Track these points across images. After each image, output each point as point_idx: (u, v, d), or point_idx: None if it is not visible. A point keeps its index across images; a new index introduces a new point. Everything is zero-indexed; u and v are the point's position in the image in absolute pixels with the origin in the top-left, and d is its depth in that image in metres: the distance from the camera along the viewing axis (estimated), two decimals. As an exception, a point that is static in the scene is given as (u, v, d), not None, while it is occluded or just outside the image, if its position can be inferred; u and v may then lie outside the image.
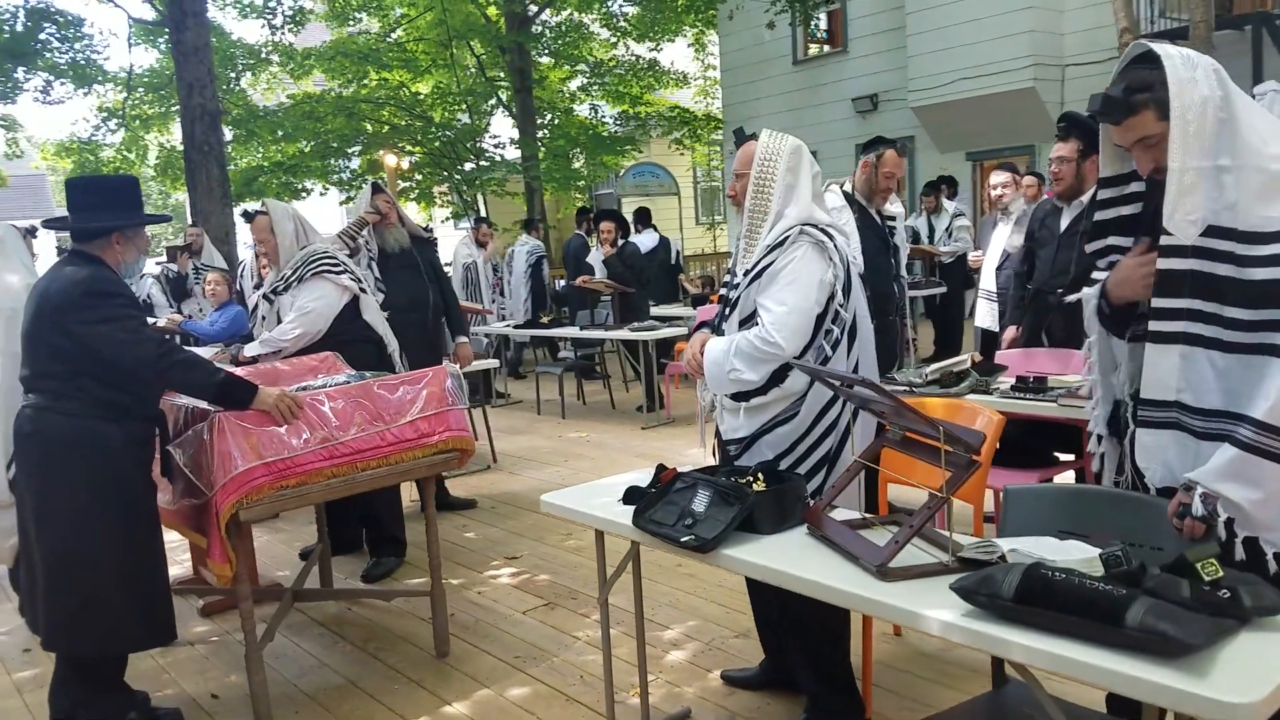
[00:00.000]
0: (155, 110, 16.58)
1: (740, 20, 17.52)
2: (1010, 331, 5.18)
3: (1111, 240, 2.36)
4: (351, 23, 18.15)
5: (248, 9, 16.71)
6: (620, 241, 8.64)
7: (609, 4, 18.15)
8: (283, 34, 16.70)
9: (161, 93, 16.02)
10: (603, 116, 19.67)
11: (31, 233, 6.68)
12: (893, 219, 4.99)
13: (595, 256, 9.08)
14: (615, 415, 8.72)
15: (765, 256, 2.99)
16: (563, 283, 11.67)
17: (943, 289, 9.66)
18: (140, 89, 16.40)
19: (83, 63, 15.01)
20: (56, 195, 22.74)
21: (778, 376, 2.96)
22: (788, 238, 2.97)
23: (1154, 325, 2.17)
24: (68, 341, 2.98)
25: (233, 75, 16.93)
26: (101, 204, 3.07)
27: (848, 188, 4.90)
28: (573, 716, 3.35)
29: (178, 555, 4.88)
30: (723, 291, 3.23)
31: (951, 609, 1.99)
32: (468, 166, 17.26)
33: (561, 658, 3.80)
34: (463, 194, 17.60)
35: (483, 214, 15.60)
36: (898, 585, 2.16)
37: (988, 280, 6.65)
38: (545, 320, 9.38)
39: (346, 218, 7.24)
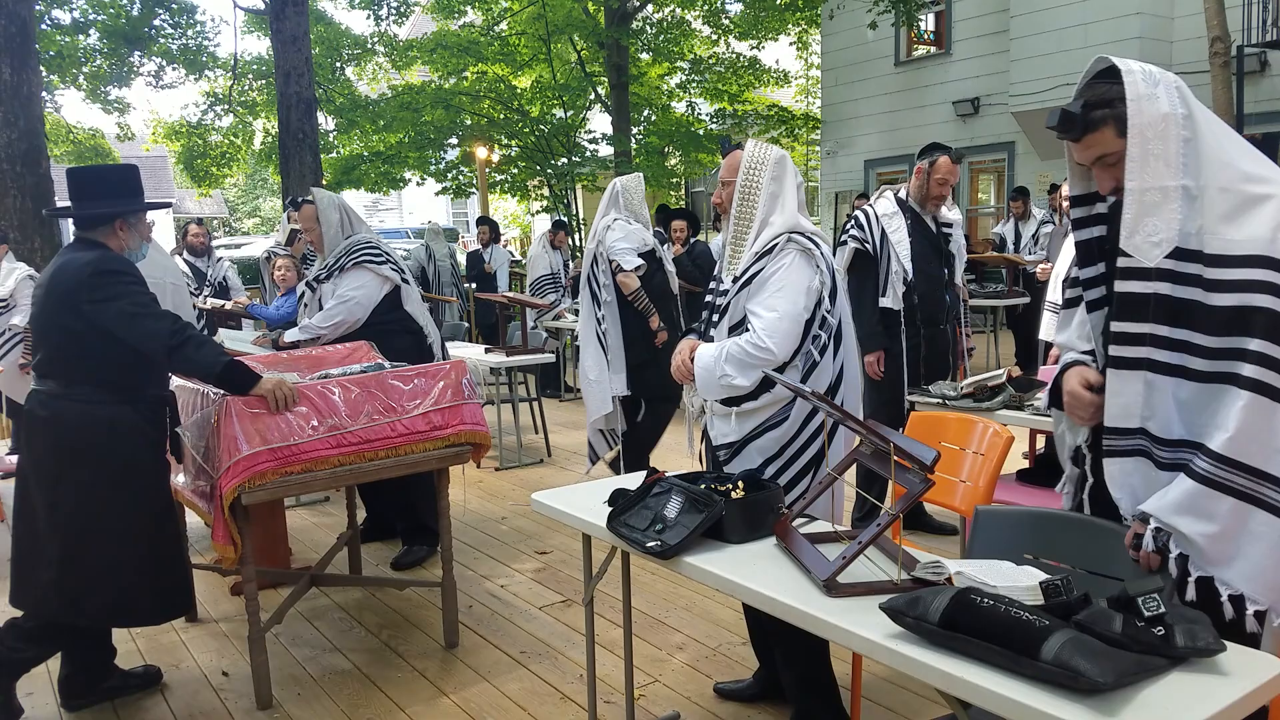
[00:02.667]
0: (261, 97, 17.14)
1: (843, 20, 17.32)
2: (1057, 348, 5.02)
3: (1078, 272, 2.27)
4: (456, 15, 18.47)
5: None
6: (691, 240, 8.61)
7: (713, 1, 18.08)
8: (388, 24, 17.11)
9: (268, 79, 16.57)
10: (699, 114, 19.61)
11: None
12: (949, 225, 4.91)
13: (667, 255, 9.06)
14: (678, 414, 8.68)
15: (754, 264, 3.03)
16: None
17: (1026, 299, 9.37)
18: (249, 75, 16.99)
19: (193, 49, 15.61)
20: (177, 177, 23.66)
21: (768, 381, 2.97)
22: (775, 245, 3.01)
23: (1115, 351, 2.08)
24: (79, 323, 3.09)
25: (338, 65, 17.40)
26: (104, 192, 3.19)
27: (902, 194, 4.85)
28: (563, 714, 3.36)
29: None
30: (709, 298, 3.24)
31: (881, 629, 1.94)
32: (561, 161, 17.40)
33: (566, 655, 3.82)
34: (554, 188, 17.77)
35: (573, 210, 15.72)
36: (842, 601, 2.12)
37: (1054, 292, 6.43)
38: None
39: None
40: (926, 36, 17.19)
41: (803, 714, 3.06)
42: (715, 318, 3.14)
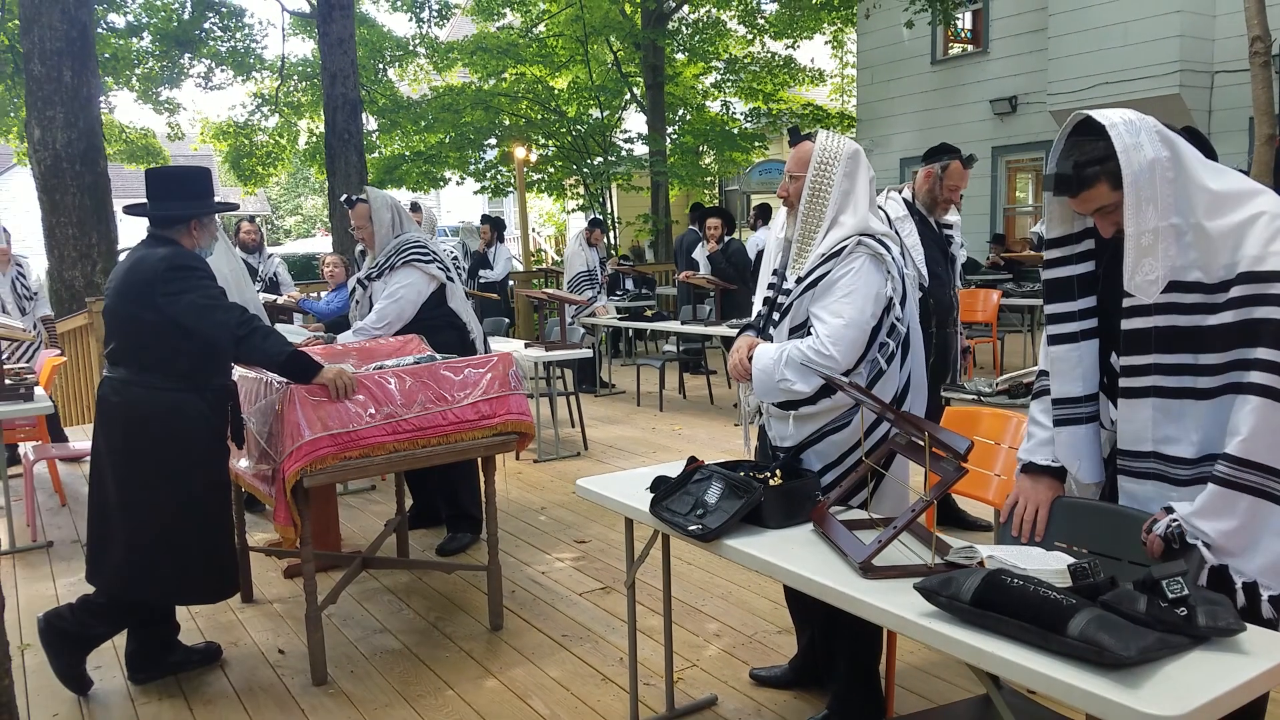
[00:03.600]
0: (306, 98, 17.46)
1: (879, 18, 17.31)
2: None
3: (1058, 308, 2.37)
4: (496, 17, 18.69)
5: (398, 2, 17.41)
6: (726, 239, 8.73)
7: (749, 1, 18.17)
8: (429, 27, 17.36)
9: (312, 81, 16.86)
10: (734, 113, 19.70)
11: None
12: (950, 227, 4.83)
13: (700, 253, 9.20)
14: (711, 410, 8.81)
15: (821, 265, 2.94)
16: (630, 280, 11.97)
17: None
18: (295, 77, 17.30)
19: (241, 51, 15.94)
20: (223, 175, 24.09)
21: (829, 388, 2.90)
22: (845, 247, 2.92)
23: (1124, 382, 2.22)
24: (153, 315, 3.27)
25: (380, 66, 17.68)
26: (178, 193, 3.36)
27: (907, 194, 4.75)
28: (603, 695, 3.49)
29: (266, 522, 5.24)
30: (769, 294, 3.17)
31: (915, 608, 2.05)
32: (596, 161, 17.56)
33: (607, 639, 3.94)
34: (589, 187, 17.93)
35: (608, 209, 15.86)
36: (878, 583, 2.23)
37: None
38: (649, 314, 9.54)
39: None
40: (964, 35, 17.17)
41: (843, 699, 3.14)
42: (776, 316, 3.07)
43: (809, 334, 2.94)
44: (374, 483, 6.47)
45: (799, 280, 3.00)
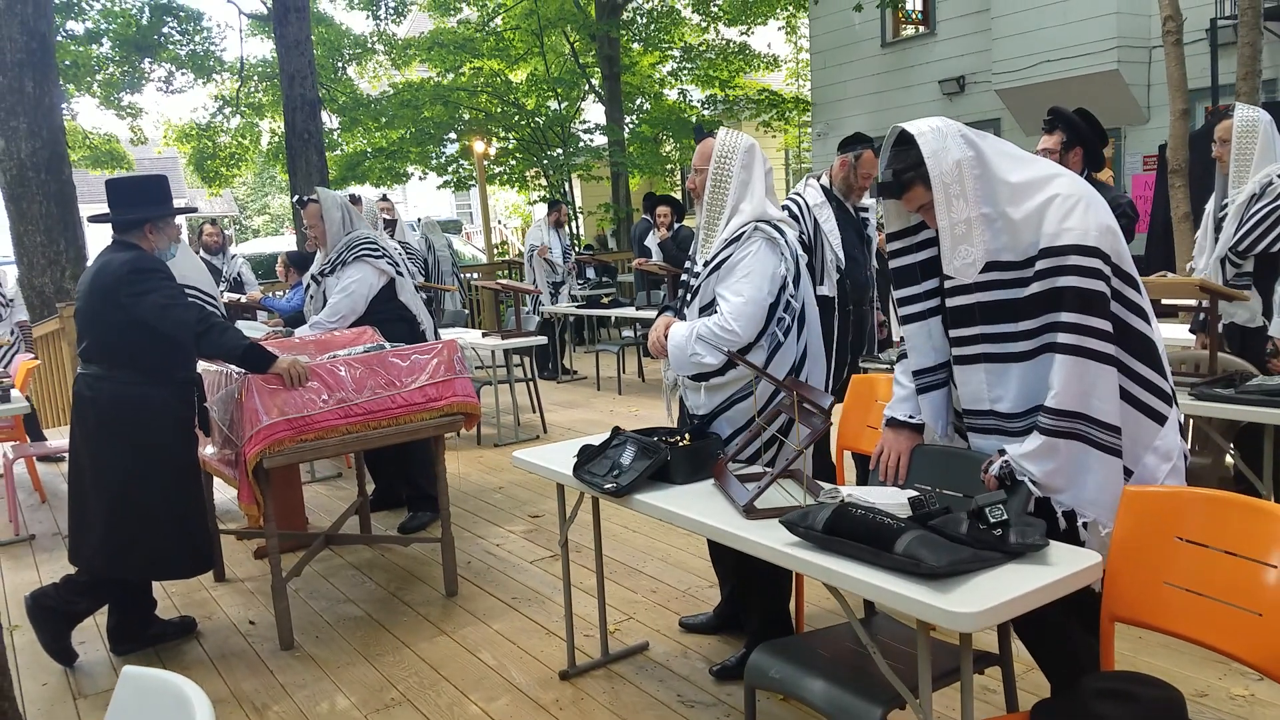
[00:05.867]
0: (267, 98, 17.66)
1: (830, 3, 17.64)
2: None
3: (905, 292, 2.72)
4: (452, 12, 18.91)
5: (356, 0, 17.62)
6: (676, 225, 9.06)
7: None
8: (386, 23, 17.58)
9: (273, 81, 17.06)
10: (691, 100, 20.01)
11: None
12: (865, 210, 5.08)
13: (653, 240, 9.53)
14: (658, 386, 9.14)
15: (724, 249, 3.27)
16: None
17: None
18: (254, 78, 17.50)
19: (201, 54, 16.13)
20: (188, 177, 24.18)
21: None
22: (743, 233, 3.25)
23: (956, 351, 2.58)
24: (119, 314, 3.58)
25: (339, 65, 17.89)
26: (137, 199, 3.67)
27: (824, 181, 5.00)
28: (546, 646, 3.84)
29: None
30: (684, 278, 3.55)
31: (783, 540, 2.41)
32: (556, 152, 17.85)
33: (553, 600, 4.29)
34: (550, 178, 18.23)
35: (570, 199, 16.15)
36: (759, 522, 2.59)
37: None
38: (605, 301, 9.87)
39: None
40: (914, 16, 17.52)
41: (758, 637, 3.49)
42: (689, 298, 3.42)
43: (716, 313, 3.28)
44: (340, 470, 6.79)
45: (706, 264, 3.35)
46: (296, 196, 5.46)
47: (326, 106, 16.45)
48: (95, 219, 3.81)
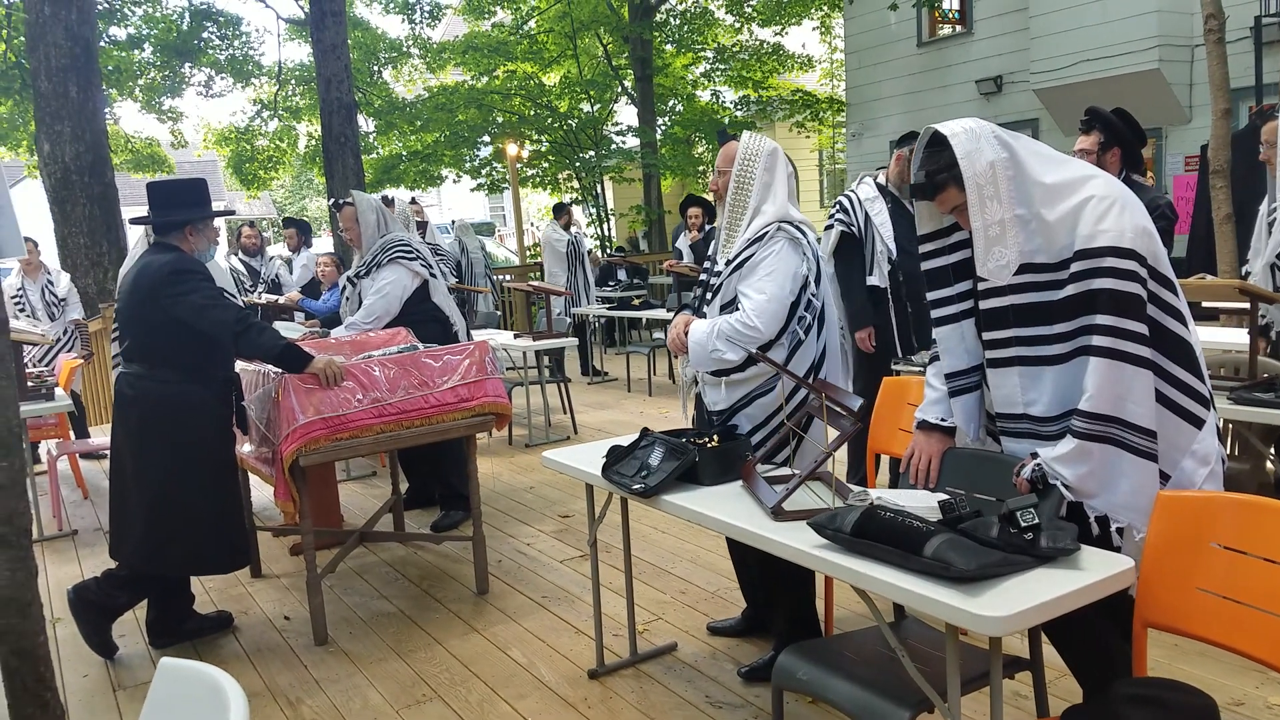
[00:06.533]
0: (305, 102, 17.85)
1: (865, 3, 17.56)
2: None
3: (938, 294, 2.71)
4: (486, 16, 19.02)
5: (391, 4, 17.78)
6: (707, 227, 9.06)
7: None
8: (421, 27, 17.72)
9: (310, 85, 17.25)
10: (724, 102, 19.99)
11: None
12: None
13: (684, 241, 9.54)
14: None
15: (746, 249, 3.32)
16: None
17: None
18: (292, 82, 17.70)
19: (240, 59, 16.34)
20: (227, 180, 24.46)
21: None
22: (766, 233, 3.30)
23: (990, 354, 2.56)
24: (160, 315, 3.65)
25: (375, 68, 18.05)
26: (176, 202, 3.74)
27: (881, 180, 5.16)
28: (575, 644, 3.87)
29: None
30: (703, 277, 3.59)
31: (810, 542, 2.41)
32: (589, 154, 17.91)
33: (582, 599, 4.32)
34: (582, 181, 18.29)
35: (602, 201, 16.17)
36: (787, 524, 2.59)
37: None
38: (636, 303, 9.89)
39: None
40: (950, 16, 17.41)
41: (786, 640, 3.50)
42: (709, 296, 3.46)
43: (738, 310, 3.32)
44: (374, 469, 6.86)
45: (728, 263, 3.39)
46: (333, 200, 5.52)
47: (362, 110, 16.59)
48: (136, 220, 3.89)
